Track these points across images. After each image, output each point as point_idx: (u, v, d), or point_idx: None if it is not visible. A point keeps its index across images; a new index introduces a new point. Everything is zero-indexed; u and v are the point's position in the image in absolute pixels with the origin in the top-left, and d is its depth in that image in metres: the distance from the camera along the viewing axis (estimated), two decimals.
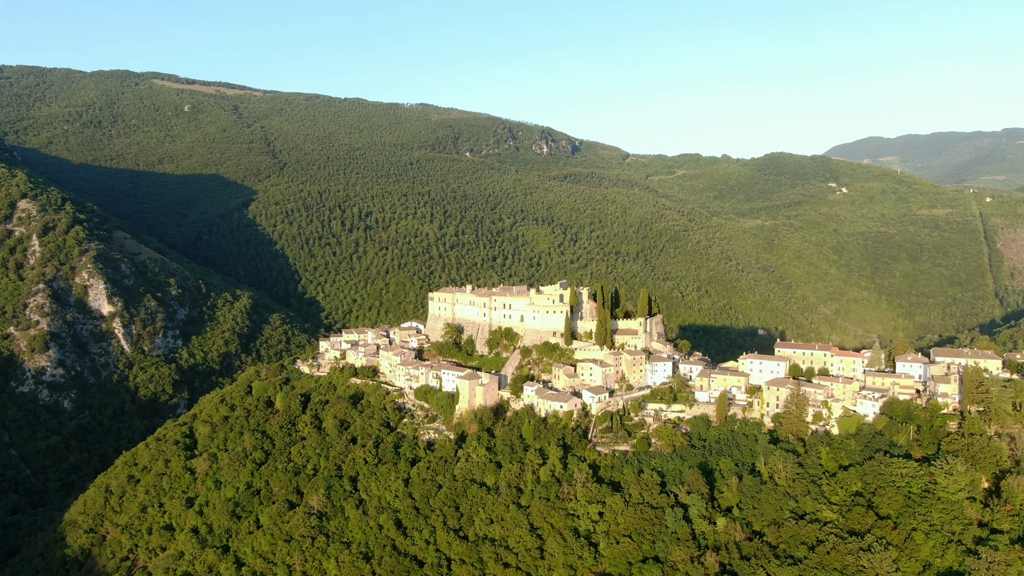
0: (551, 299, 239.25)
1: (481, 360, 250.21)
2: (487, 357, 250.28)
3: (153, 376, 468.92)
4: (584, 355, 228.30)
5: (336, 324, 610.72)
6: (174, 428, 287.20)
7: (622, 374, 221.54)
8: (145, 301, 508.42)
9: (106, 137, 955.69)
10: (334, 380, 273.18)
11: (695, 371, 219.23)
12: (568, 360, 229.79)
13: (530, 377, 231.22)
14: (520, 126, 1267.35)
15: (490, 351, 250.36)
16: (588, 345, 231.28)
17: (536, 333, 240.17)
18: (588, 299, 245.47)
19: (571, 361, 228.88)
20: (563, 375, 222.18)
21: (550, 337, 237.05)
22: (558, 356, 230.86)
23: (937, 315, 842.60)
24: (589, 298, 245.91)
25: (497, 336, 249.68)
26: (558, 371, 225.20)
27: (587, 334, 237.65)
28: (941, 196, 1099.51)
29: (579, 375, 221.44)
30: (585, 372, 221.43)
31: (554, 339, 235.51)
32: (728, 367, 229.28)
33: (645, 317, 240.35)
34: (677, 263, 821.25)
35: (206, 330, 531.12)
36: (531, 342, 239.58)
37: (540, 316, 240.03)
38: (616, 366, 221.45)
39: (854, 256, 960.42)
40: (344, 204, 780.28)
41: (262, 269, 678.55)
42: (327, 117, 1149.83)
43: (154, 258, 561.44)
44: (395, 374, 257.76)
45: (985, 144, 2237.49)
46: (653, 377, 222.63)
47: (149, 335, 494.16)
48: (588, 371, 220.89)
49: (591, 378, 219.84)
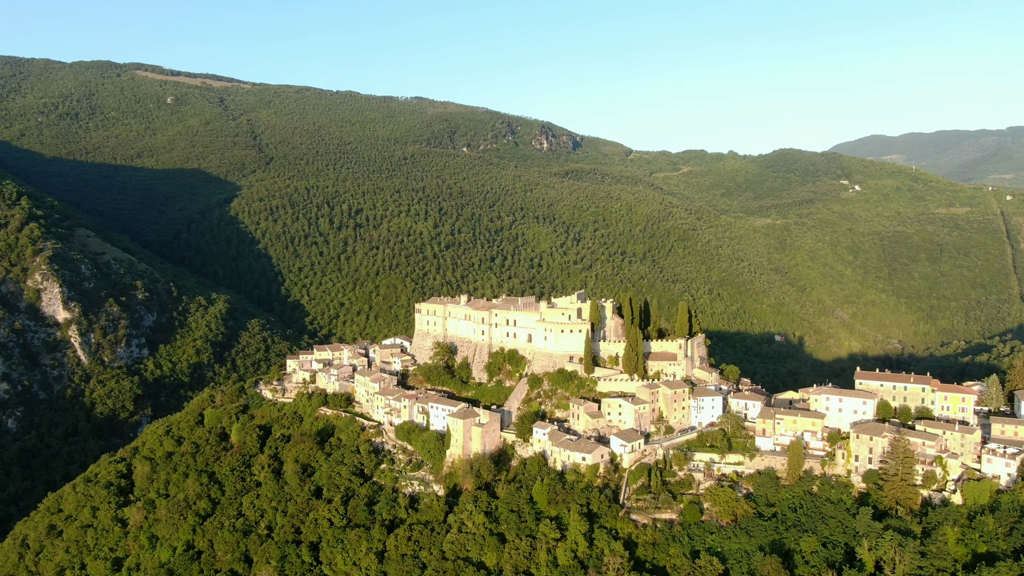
0: (566, 314, 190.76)
1: (479, 390, 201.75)
2: (486, 386, 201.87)
3: (112, 390, 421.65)
4: (610, 386, 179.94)
5: (321, 330, 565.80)
6: (108, 466, 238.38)
7: (659, 412, 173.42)
8: (107, 306, 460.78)
9: (83, 130, 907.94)
10: (300, 409, 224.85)
11: (753, 408, 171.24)
12: (589, 393, 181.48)
13: (541, 415, 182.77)
14: (519, 120, 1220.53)
15: (489, 379, 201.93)
16: (614, 373, 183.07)
17: (548, 357, 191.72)
18: (612, 314, 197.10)
19: (593, 394, 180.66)
20: (584, 414, 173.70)
21: (565, 363, 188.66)
22: (576, 388, 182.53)
23: (960, 319, 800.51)
24: (614, 313, 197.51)
25: (498, 360, 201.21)
26: (577, 408, 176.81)
27: (612, 359, 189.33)
28: (959, 194, 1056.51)
29: (605, 414, 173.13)
30: (613, 410, 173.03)
31: (571, 365, 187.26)
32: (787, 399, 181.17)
33: (685, 338, 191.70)
34: (687, 264, 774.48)
35: (176, 338, 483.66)
36: (541, 368, 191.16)
37: (553, 336, 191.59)
38: (652, 402, 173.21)
39: (870, 257, 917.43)
40: (333, 201, 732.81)
41: (243, 270, 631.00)
42: (317, 110, 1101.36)
43: (120, 258, 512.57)
44: (372, 405, 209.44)
45: (990, 142, 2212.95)
46: (699, 416, 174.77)
47: (110, 344, 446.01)
48: (617, 409, 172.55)
49: (620, 418, 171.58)
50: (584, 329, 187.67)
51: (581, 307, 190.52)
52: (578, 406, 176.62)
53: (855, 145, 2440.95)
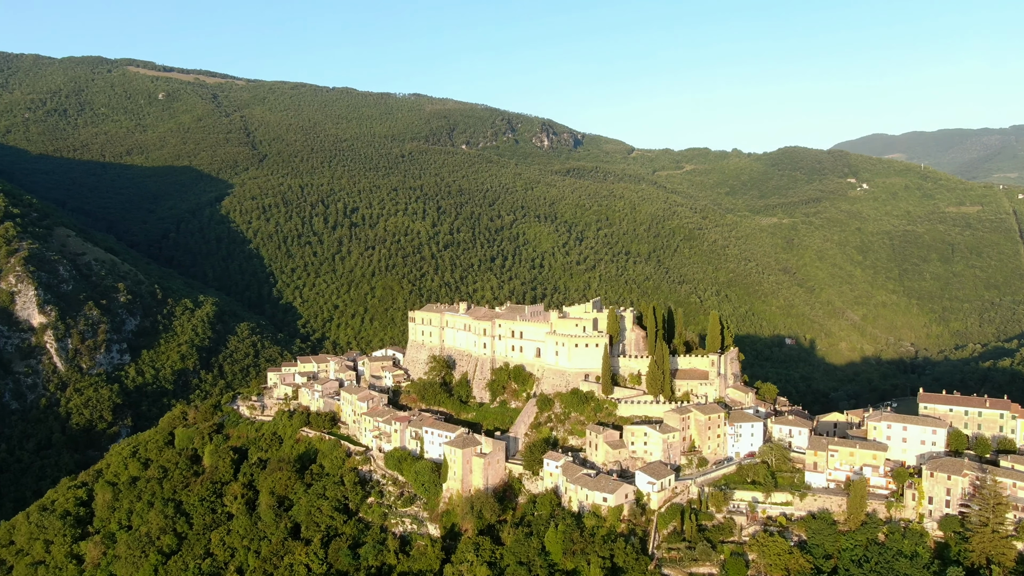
0: (580, 325, 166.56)
1: (480, 412, 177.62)
2: (488, 407, 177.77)
3: (90, 400, 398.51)
4: (632, 410, 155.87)
5: (314, 334, 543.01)
6: (66, 492, 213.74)
7: (691, 441, 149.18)
8: (86, 310, 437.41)
9: (71, 126, 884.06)
10: (280, 429, 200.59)
11: (798, 435, 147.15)
12: (608, 417, 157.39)
13: (552, 443, 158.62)
14: (519, 118, 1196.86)
15: (492, 398, 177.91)
16: (637, 395, 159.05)
17: (559, 375, 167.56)
18: (633, 325, 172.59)
19: (613, 419, 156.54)
20: (603, 443, 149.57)
21: (580, 381, 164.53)
22: (593, 411, 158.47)
23: (974, 321, 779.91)
24: (634, 324, 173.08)
25: (502, 377, 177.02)
26: (595, 436, 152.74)
27: (633, 377, 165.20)
28: (969, 193, 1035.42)
29: (628, 444, 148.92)
30: (637, 440, 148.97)
31: (586, 385, 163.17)
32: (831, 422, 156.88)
33: (717, 352, 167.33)
34: (693, 264, 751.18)
35: (159, 343, 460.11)
36: (552, 388, 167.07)
37: (566, 350, 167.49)
38: (682, 429, 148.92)
39: (880, 257, 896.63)
40: (328, 199, 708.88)
41: (233, 271, 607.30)
42: (313, 107, 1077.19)
43: (102, 259, 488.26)
44: (360, 427, 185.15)
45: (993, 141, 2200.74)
46: (736, 445, 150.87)
47: (88, 350, 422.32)
48: (642, 438, 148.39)
49: (646, 449, 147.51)
50: (602, 343, 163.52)
51: (597, 317, 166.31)
52: (596, 434, 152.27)
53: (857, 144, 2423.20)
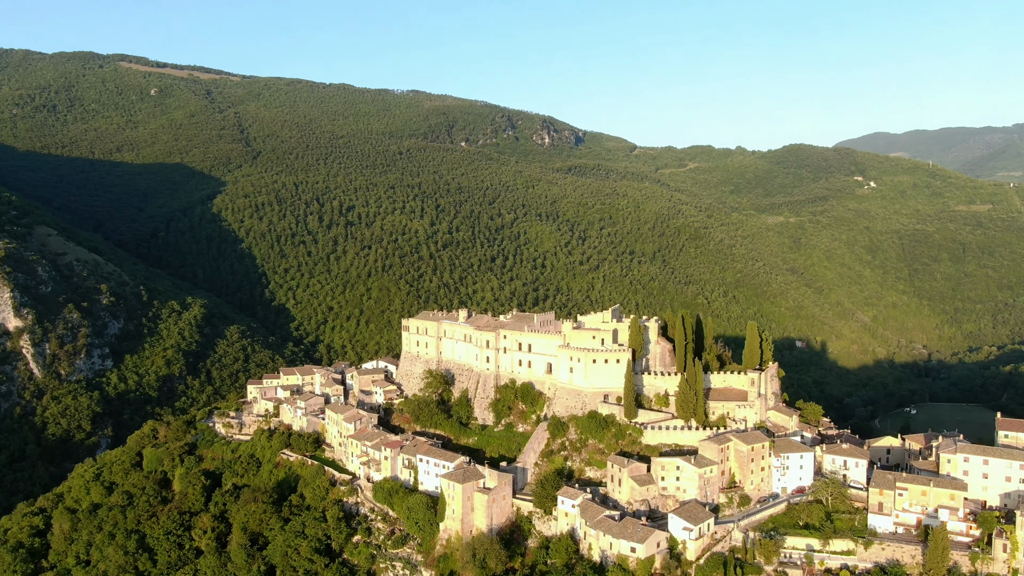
0: (598, 337, 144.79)
1: (482, 436, 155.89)
2: (492, 431, 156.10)
3: (68, 408, 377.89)
4: (660, 437, 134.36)
5: (307, 337, 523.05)
6: (21, 520, 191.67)
7: (731, 475, 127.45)
8: (65, 313, 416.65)
9: (60, 122, 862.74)
10: (259, 451, 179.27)
11: (855, 468, 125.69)
12: (632, 446, 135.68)
13: (567, 475, 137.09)
14: (520, 114, 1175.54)
15: (496, 420, 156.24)
16: (664, 418, 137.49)
17: (574, 395, 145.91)
18: (658, 336, 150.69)
19: (638, 448, 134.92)
20: (628, 479, 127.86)
21: (598, 402, 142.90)
22: (614, 439, 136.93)
23: (987, 322, 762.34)
24: (659, 335, 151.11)
25: (508, 396, 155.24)
26: (618, 470, 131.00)
27: (660, 398, 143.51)
28: (979, 191, 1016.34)
29: (657, 479, 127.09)
30: (669, 474, 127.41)
31: (606, 407, 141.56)
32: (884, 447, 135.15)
33: (756, 369, 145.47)
34: (699, 264, 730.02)
35: (144, 347, 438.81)
36: (566, 410, 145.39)
37: (582, 367, 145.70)
38: (721, 462, 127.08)
39: (889, 256, 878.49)
40: (323, 197, 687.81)
41: (224, 271, 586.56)
42: (309, 103, 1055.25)
43: (84, 259, 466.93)
44: (346, 451, 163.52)
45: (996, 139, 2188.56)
46: (783, 480, 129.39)
47: (67, 355, 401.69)
48: (674, 473, 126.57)
49: (679, 485, 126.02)
50: (623, 359, 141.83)
51: (617, 328, 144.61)
52: (619, 467, 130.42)
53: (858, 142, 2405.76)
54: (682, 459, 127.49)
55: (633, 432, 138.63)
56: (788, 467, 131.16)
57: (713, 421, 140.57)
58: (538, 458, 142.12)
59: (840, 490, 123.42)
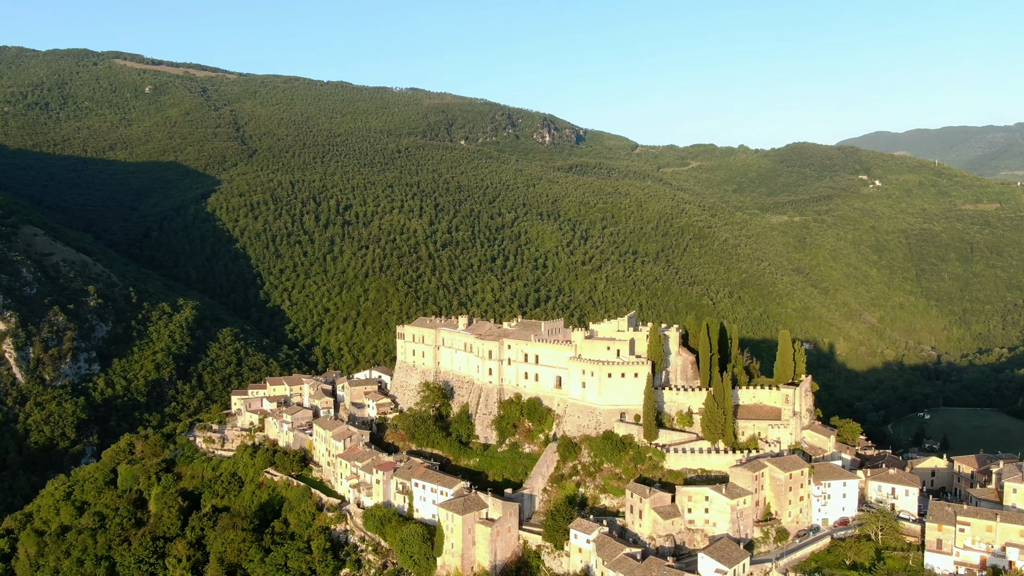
0: (613, 348, 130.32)
1: (485, 457, 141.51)
2: (495, 451, 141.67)
3: (52, 415, 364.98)
4: (685, 461, 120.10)
5: (303, 339, 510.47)
6: None
7: (766, 505, 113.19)
8: (51, 315, 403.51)
9: (52, 120, 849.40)
10: (241, 469, 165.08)
11: (905, 497, 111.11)
12: (653, 471, 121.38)
13: (580, 503, 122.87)
14: (520, 113, 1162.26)
15: (500, 439, 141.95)
16: (688, 439, 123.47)
17: (587, 413, 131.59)
18: (679, 347, 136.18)
19: (660, 474, 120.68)
20: (650, 510, 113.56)
21: (614, 421, 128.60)
22: (632, 462, 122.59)
23: (997, 323, 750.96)
24: (680, 346, 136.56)
25: (512, 412, 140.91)
26: (639, 500, 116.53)
27: (683, 416, 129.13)
28: (986, 190, 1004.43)
29: (683, 510, 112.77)
30: (696, 506, 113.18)
31: (623, 426, 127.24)
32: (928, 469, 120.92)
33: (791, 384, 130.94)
34: (704, 265, 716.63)
35: (132, 351, 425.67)
36: (578, 429, 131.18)
37: (596, 381, 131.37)
38: (756, 491, 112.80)
39: (896, 256, 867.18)
40: (319, 196, 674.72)
41: (218, 272, 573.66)
42: (306, 100, 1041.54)
43: (71, 260, 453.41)
44: (335, 471, 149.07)
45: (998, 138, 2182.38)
46: (825, 510, 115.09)
47: (52, 359, 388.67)
48: (702, 504, 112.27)
49: (708, 518, 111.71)
50: (642, 373, 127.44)
51: (635, 337, 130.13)
52: (640, 497, 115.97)
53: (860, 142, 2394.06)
54: (711, 488, 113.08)
55: (654, 455, 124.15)
56: (830, 496, 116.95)
57: (743, 443, 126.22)
58: (547, 483, 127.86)
59: (892, 523, 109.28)
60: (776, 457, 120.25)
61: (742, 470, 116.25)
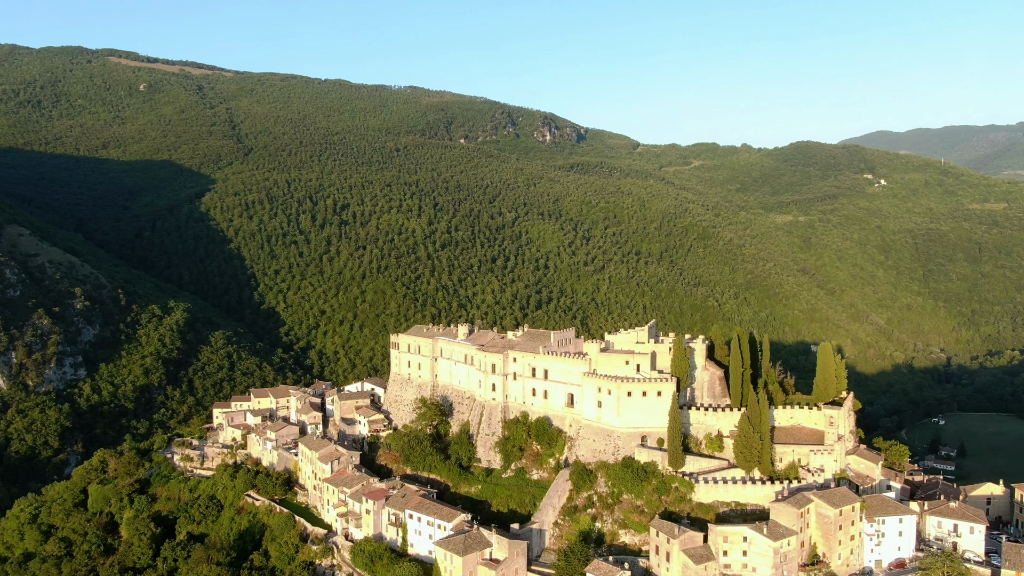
0: (632, 362, 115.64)
1: (488, 484, 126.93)
2: (499, 476, 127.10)
3: (34, 422, 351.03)
4: (716, 493, 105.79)
5: (298, 342, 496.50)
6: None
7: (812, 546, 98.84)
8: (35, 319, 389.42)
9: (44, 118, 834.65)
10: (220, 491, 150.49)
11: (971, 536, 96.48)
12: (681, 503, 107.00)
13: (596, 539, 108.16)
14: (520, 111, 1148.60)
15: (505, 464, 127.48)
16: (719, 467, 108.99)
17: (604, 435, 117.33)
18: (705, 361, 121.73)
19: (688, 507, 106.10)
20: (679, 552, 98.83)
21: (633, 446, 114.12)
22: (656, 493, 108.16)
23: (1007, 325, 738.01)
24: (707, 360, 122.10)
25: (519, 433, 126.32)
26: (666, 541, 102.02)
27: (712, 440, 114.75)
28: (993, 189, 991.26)
29: (718, 552, 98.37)
30: (733, 548, 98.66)
31: (644, 452, 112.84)
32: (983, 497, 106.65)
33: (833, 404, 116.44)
34: (708, 265, 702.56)
35: (121, 355, 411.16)
36: (592, 454, 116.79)
37: (614, 400, 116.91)
38: (801, 530, 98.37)
39: (903, 256, 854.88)
40: (316, 195, 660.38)
41: (211, 273, 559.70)
42: (304, 99, 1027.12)
43: (58, 261, 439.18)
44: (322, 496, 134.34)
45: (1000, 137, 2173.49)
46: (878, 551, 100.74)
47: (36, 365, 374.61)
48: (740, 546, 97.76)
49: (747, 562, 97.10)
50: (667, 392, 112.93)
51: (656, 350, 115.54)
52: (667, 538, 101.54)
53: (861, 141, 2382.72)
54: (750, 527, 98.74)
55: (681, 486, 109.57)
56: (884, 534, 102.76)
57: (781, 471, 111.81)
58: (558, 516, 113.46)
59: (960, 568, 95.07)
60: (822, 490, 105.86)
61: (785, 506, 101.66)
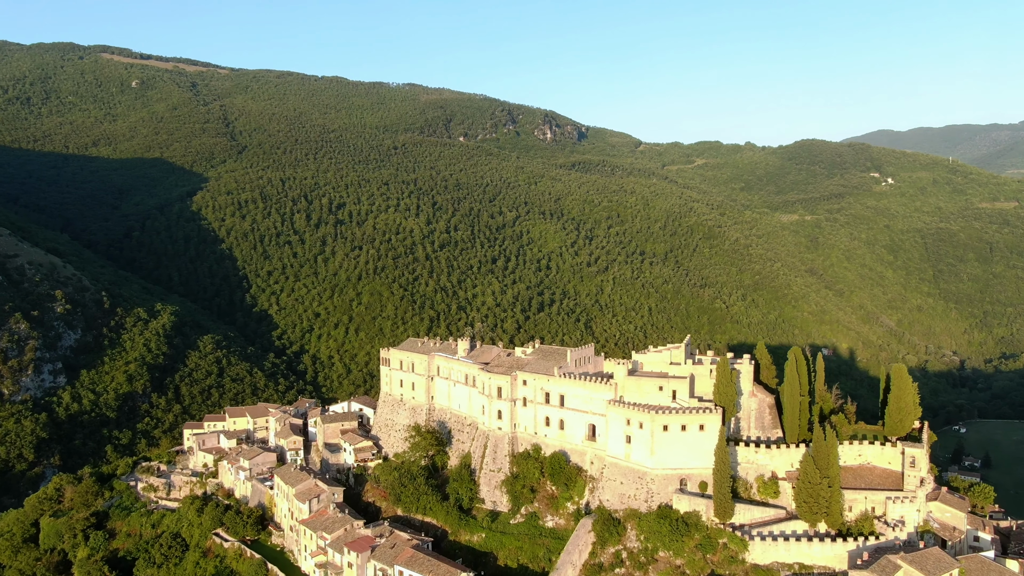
0: (667, 387, 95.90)
1: (493, 532, 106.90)
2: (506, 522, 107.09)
3: (9, 433, 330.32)
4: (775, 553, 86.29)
5: (291, 346, 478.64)
6: None
7: None
8: (11, 323, 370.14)
9: (33, 115, 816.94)
10: (185, 528, 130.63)
11: None
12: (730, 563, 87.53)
13: None
14: (520, 109, 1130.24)
15: (514, 507, 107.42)
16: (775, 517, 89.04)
17: (634, 477, 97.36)
18: (752, 386, 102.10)
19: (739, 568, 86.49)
20: None
21: (671, 490, 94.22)
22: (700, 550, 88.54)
23: (1020, 327, 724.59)
24: (754, 384, 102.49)
25: (529, 471, 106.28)
26: None
27: (765, 484, 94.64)
28: (1003, 188, 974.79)
29: None
30: None
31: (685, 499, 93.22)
32: None
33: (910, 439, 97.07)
34: (715, 266, 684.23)
35: (103, 361, 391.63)
36: (620, 499, 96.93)
37: (646, 434, 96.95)
38: None
39: (912, 257, 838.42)
40: (311, 194, 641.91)
41: (202, 274, 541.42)
42: (300, 96, 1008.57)
43: (38, 262, 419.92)
44: (299, 539, 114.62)
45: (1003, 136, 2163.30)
46: None
47: (12, 372, 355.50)
48: None
49: None
50: (712, 424, 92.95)
51: (694, 372, 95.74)
52: None
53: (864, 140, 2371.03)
54: None
55: (731, 543, 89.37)
56: None
57: (851, 523, 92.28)
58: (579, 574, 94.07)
59: None
60: (909, 552, 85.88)
61: (868, 574, 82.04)
